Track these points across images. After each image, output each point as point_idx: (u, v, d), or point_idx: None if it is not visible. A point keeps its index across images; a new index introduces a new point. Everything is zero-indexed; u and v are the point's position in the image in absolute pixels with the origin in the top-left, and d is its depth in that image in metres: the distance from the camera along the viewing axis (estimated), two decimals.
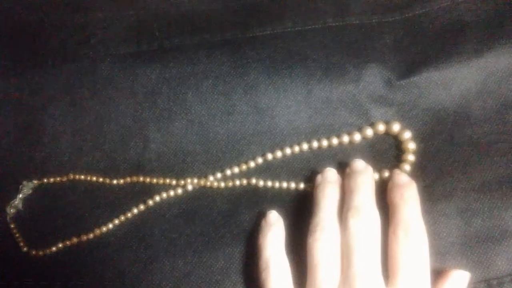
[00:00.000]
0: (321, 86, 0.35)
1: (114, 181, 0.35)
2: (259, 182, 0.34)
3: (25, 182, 0.36)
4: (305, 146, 0.34)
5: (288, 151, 0.35)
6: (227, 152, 0.35)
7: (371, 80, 0.34)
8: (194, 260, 0.32)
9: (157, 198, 0.35)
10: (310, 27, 0.37)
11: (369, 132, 0.34)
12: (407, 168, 0.33)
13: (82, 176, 0.36)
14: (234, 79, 0.36)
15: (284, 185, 0.34)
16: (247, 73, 0.36)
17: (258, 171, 0.35)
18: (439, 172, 0.32)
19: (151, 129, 0.36)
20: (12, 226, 0.36)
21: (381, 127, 0.34)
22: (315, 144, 0.34)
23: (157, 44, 0.38)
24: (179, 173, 0.35)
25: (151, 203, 0.35)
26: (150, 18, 0.39)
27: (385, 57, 0.35)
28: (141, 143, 0.36)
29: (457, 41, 0.35)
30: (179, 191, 0.35)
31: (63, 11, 0.40)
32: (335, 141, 0.34)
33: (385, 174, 0.33)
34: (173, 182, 0.35)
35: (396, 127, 0.33)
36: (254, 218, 0.33)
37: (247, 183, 0.34)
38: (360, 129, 0.34)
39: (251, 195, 0.34)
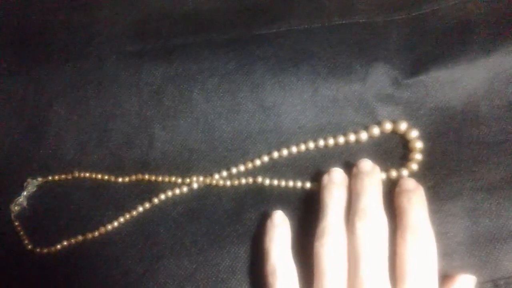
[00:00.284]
0: (327, 84, 0.35)
1: (119, 179, 0.35)
2: (265, 181, 0.34)
3: (29, 179, 0.36)
4: (311, 145, 0.34)
5: (294, 149, 0.34)
6: (232, 151, 0.35)
7: (378, 79, 0.34)
8: (199, 258, 0.32)
9: (162, 197, 0.34)
10: (316, 25, 0.37)
11: (375, 131, 0.34)
12: (414, 167, 0.32)
13: (87, 174, 0.36)
14: (240, 77, 0.35)
15: (290, 184, 0.33)
16: (252, 72, 0.35)
17: (264, 170, 0.35)
18: (446, 172, 0.32)
19: (156, 127, 0.36)
20: (16, 223, 0.35)
21: (388, 126, 0.33)
22: (321, 143, 0.34)
23: (162, 42, 0.38)
24: (184, 172, 0.35)
25: (156, 201, 0.34)
26: (156, 16, 0.39)
27: (392, 55, 0.35)
28: (146, 141, 0.36)
29: (464, 40, 0.35)
30: (185, 189, 0.35)
31: (68, 9, 0.40)
32: (341, 139, 0.34)
33: (392, 174, 0.32)
34: (178, 180, 0.35)
35: (403, 126, 0.33)
36: (260, 216, 0.33)
37: (252, 181, 0.34)
38: (366, 128, 0.34)
39: (256, 193, 0.34)
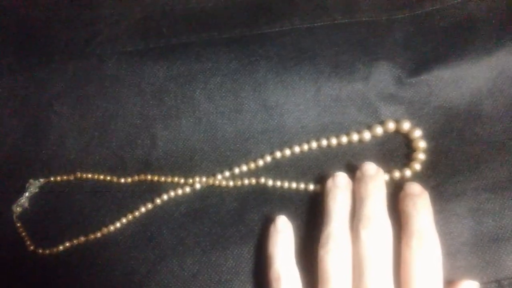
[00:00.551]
0: (330, 83, 0.34)
1: (121, 180, 0.35)
2: (268, 182, 0.34)
3: (31, 180, 0.36)
4: (314, 144, 0.34)
5: (296, 149, 0.34)
6: (235, 151, 0.35)
7: (381, 78, 0.34)
8: (202, 259, 0.32)
9: (165, 197, 0.34)
10: (319, 24, 0.37)
11: (379, 130, 0.33)
12: (417, 167, 0.32)
13: (89, 175, 0.36)
14: (242, 76, 0.35)
15: (293, 185, 0.33)
16: (255, 71, 0.35)
17: (266, 170, 0.34)
18: (450, 171, 0.32)
19: (158, 127, 0.35)
20: (18, 224, 0.35)
21: (391, 125, 0.33)
22: (324, 142, 0.34)
23: (164, 41, 0.37)
24: (187, 172, 0.35)
25: (159, 201, 0.34)
26: (157, 15, 0.39)
27: (395, 54, 0.35)
28: (149, 141, 0.36)
29: (468, 38, 0.35)
30: (187, 189, 0.34)
31: (70, 8, 0.39)
32: (344, 139, 0.34)
33: (396, 174, 0.32)
34: (181, 180, 0.34)
35: (406, 125, 0.33)
36: (263, 217, 0.33)
37: (255, 182, 0.34)
38: (369, 127, 0.34)
39: (259, 194, 0.34)
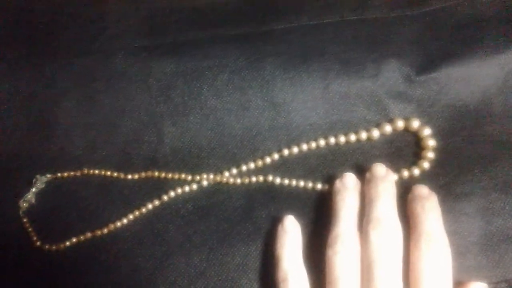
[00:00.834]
0: (338, 81, 0.34)
1: (128, 176, 0.35)
2: (276, 180, 0.33)
3: (38, 176, 0.36)
4: (322, 142, 0.34)
5: (304, 147, 0.34)
6: (242, 148, 0.35)
7: (390, 76, 0.34)
8: (209, 257, 0.32)
9: (172, 194, 0.34)
10: (327, 21, 0.37)
11: (387, 129, 0.33)
12: (426, 165, 0.32)
13: (96, 171, 0.35)
14: (250, 73, 0.35)
15: (301, 181, 0.33)
16: (263, 68, 0.35)
17: (274, 167, 0.34)
18: (459, 170, 0.32)
19: (165, 123, 0.35)
20: (25, 220, 0.35)
21: (400, 124, 0.33)
22: (332, 140, 0.34)
23: (171, 37, 0.37)
24: (194, 169, 0.35)
25: (165, 198, 0.34)
26: (164, 12, 0.39)
27: (404, 52, 0.34)
28: (156, 138, 0.35)
29: (477, 36, 0.34)
30: (194, 186, 0.34)
31: (77, 4, 0.39)
32: (352, 137, 0.34)
33: (404, 173, 0.32)
34: (188, 177, 0.34)
35: (415, 123, 0.33)
36: (270, 214, 0.33)
37: (263, 178, 0.34)
38: (378, 125, 0.34)
39: (267, 191, 0.34)
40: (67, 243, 0.34)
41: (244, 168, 0.34)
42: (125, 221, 0.34)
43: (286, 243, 0.30)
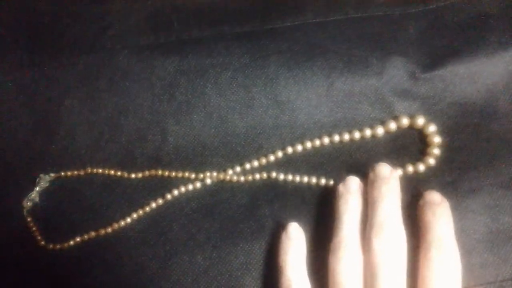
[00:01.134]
0: (342, 79, 0.34)
1: (132, 175, 0.35)
2: (279, 176, 0.33)
3: (42, 175, 0.36)
4: (326, 140, 0.34)
5: (308, 145, 0.34)
6: (246, 146, 0.35)
7: (395, 73, 0.34)
8: (213, 255, 0.32)
9: (176, 192, 0.34)
10: (331, 18, 0.36)
11: (392, 126, 0.33)
12: (431, 161, 0.32)
13: (99, 170, 0.35)
14: (254, 71, 0.35)
15: (305, 179, 0.33)
16: (267, 66, 0.35)
17: (278, 165, 0.34)
18: (465, 167, 0.32)
19: (169, 122, 0.35)
20: (29, 219, 0.35)
21: (404, 121, 0.33)
22: (336, 138, 0.34)
23: (175, 35, 0.37)
24: (197, 167, 0.35)
25: (169, 197, 0.34)
26: (168, 10, 0.38)
27: (408, 49, 0.34)
28: (159, 136, 0.35)
29: (482, 33, 0.34)
30: (198, 185, 0.34)
31: (80, 2, 0.39)
32: (357, 134, 0.33)
33: (409, 169, 0.32)
34: (192, 175, 0.34)
35: (420, 121, 0.32)
36: (274, 213, 0.32)
37: (267, 176, 0.34)
38: (383, 122, 0.33)
39: (271, 189, 0.34)
40: (71, 242, 0.34)
41: (248, 166, 0.34)
42: (129, 220, 0.34)
43: (290, 251, 0.29)
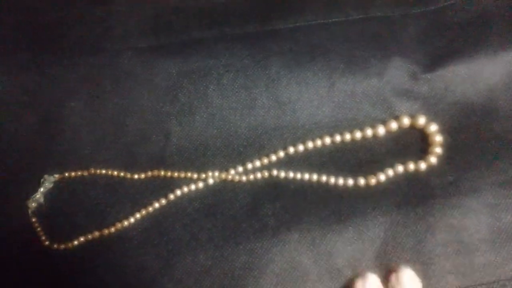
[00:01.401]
0: (344, 79, 0.34)
1: (135, 176, 0.35)
2: (281, 174, 0.33)
3: (46, 176, 0.36)
4: (327, 140, 0.34)
5: (310, 145, 0.34)
6: (248, 146, 0.35)
7: (396, 74, 0.34)
8: (215, 254, 0.32)
9: (178, 192, 0.34)
10: (332, 20, 0.37)
11: (393, 126, 0.33)
12: (433, 160, 0.32)
13: (103, 170, 0.36)
14: (255, 72, 0.35)
15: (306, 177, 0.33)
16: (268, 67, 0.35)
17: (279, 165, 0.34)
18: (466, 167, 0.32)
19: (172, 123, 0.36)
20: (33, 220, 0.36)
21: (406, 121, 0.33)
22: (337, 138, 0.34)
23: (177, 37, 0.37)
24: (200, 167, 0.35)
25: (172, 197, 0.34)
26: (170, 11, 0.39)
27: (409, 50, 0.35)
28: (162, 137, 0.36)
29: (482, 34, 0.34)
30: (200, 185, 0.34)
31: (83, 4, 0.40)
32: (358, 134, 0.34)
33: (410, 166, 0.32)
34: (194, 176, 0.34)
35: (421, 120, 0.33)
36: (276, 212, 0.33)
37: (268, 176, 0.34)
38: (384, 122, 0.34)
39: (273, 188, 0.34)
40: (75, 243, 0.34)
41: (250, 166, 0.34)
42: (132, 220, 0.34)
43: None
